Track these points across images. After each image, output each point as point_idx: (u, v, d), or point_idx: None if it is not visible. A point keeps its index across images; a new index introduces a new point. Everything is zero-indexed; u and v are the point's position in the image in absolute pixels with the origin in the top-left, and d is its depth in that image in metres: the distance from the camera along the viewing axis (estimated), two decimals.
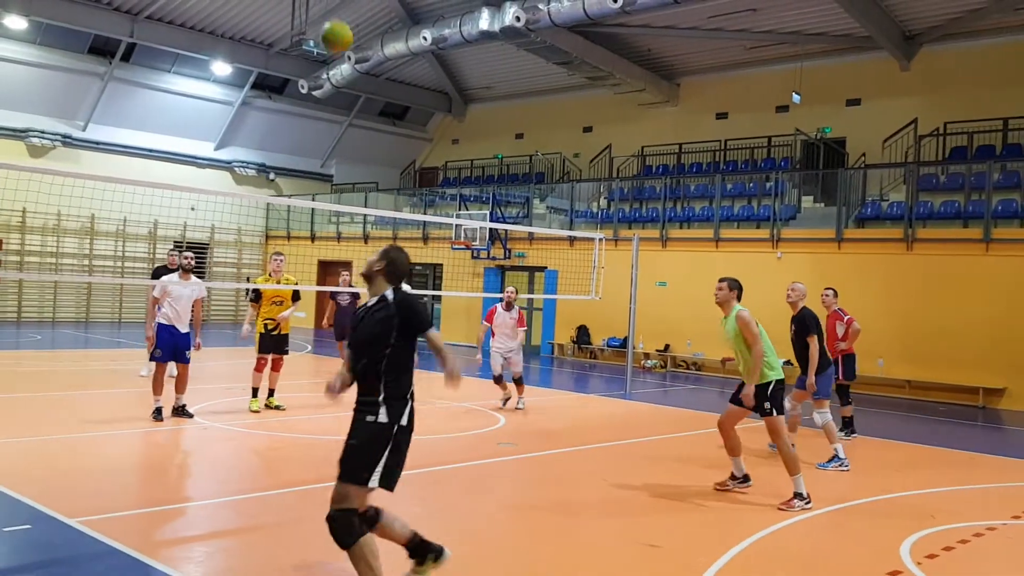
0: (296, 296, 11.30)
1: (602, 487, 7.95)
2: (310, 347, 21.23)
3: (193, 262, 10.59)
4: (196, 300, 10.39)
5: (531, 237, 22.37)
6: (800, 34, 21.63)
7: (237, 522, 6.58)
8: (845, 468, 9.20)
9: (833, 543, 6.68)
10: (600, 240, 14.31)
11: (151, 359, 10.55)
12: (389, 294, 5.10)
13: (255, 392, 11.07)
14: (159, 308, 10.23)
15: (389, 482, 4.93)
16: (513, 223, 23.32)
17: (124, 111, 26.21)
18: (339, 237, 27.92)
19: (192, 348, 10.31)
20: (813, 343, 9.45)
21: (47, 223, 24.82)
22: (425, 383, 13.27)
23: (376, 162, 32.17)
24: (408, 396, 5.04)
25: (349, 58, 25.55)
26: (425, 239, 25.13)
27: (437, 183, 31.31)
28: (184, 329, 10.20)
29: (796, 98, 21.13)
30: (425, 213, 26.70)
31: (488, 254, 23.30)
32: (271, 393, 11.36)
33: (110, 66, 25.08)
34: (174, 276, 10.59)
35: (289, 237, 29.15)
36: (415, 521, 6.77)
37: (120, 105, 26.04)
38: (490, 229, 22.18)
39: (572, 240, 20.90)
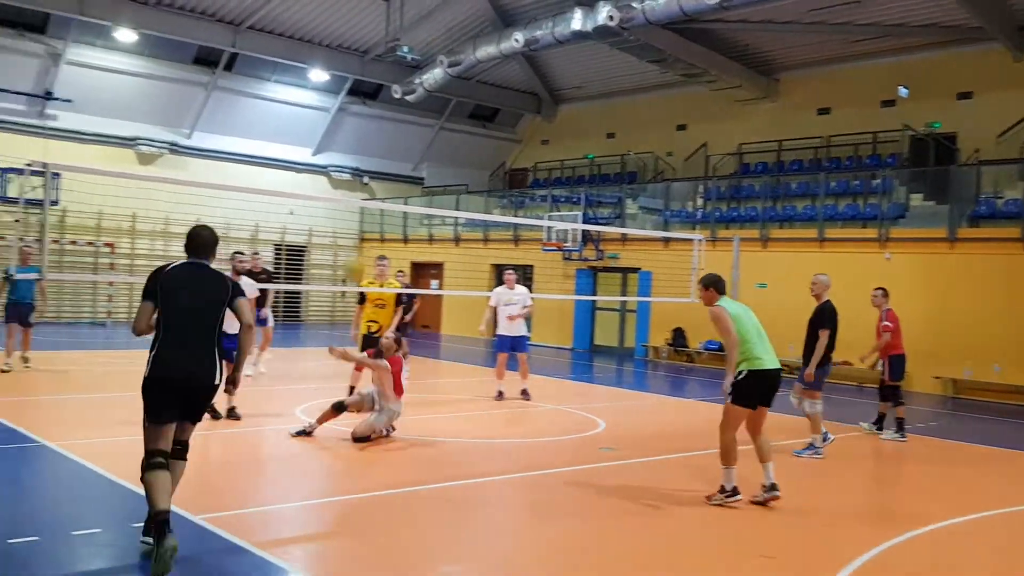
0: (400, 300, 11.52)
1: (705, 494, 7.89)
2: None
3: (246, 265, 10.72)
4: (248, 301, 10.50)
5: (624, 238, 22.26)
6: (906, 26, 20.95)
7: (353, 521, 6.76)
8: (819, 456, 9.62)
9: (957, 556, 6.48)
10: (699, 241, 14.17)
11: None
12: None
13: (351, 390, 11.32)
14: None
15: None
16: (605, 224, 23.26)
17: (227, 119, 27.17)
18: (431, 239, 28.32)
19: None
20: (823, 336, 9.59)
21: (155, 227, 25.92)
22: (515, 384, 13.38)
23: (466, 164, 32.53)
24: None
25: (442, 62, 25.91)
26: (516, 241, 25.27)
27: (527, 184, 31.45)
28: (233, 331, 10.11)
29: (903, 92, 20.49)
30: (515, 214, 26.91)
31: (580, 256, 23.30)
32: None
33: (214, 75, 26.03)
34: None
35: (383, 239, 29.71)
36: (522, 526, 6.87)
37: (223, 113, 27.01)
38: (582, 230, 22.17)
39: (667, 241, 20.71)
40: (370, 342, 11.34)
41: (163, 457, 5.46)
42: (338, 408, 9.51)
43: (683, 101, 27.18)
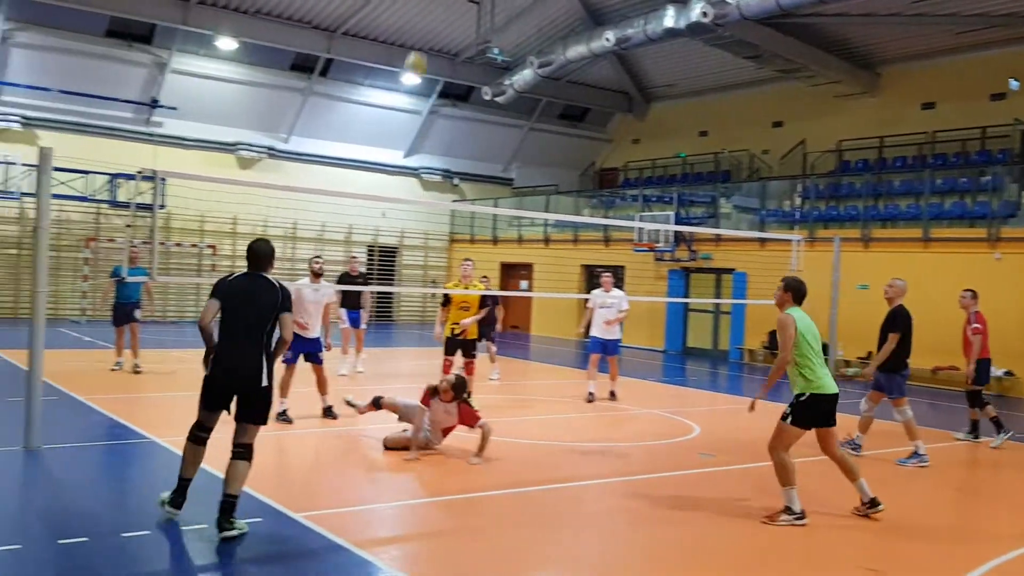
0: (484, 302, 11.58)
1: (807, 504, 7.67)
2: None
3: (322, 266, 10.84)
4: (325, 304, 10.72)
5: (718, 239, 21.88)
6: (1016, 16, 20.00)
7: (447, 522, 6.83)
8: (924, 463, 9.39)
9: None
10: (798, 242, 13.82)
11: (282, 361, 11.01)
12: None
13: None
14: None
15: None
16: (698, 224, 22.91)
17: (322, 123, 27.83)
18: (520, 240, 28.39)
19: (324, 349, 10.64)
20: (892, 340, 9.44)
21: (254, 229, 26.69)
22: (604, 386, 13.29)
23: (556, 164, 32.51)
24: None
25: (532, 63, 25.97)
26: (607, 241, 25.11)
27: (618, 184, 31.25)
28: (313, 334, 10.44)
29: (1014, 85, 19.58)
30: (606, 214, 26.74)
31: (672, 256, 23.02)
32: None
33: (309, 81, 26.69)
34: (306, 280, 10.85)
35: (473, 240, 29.95)
36: (618, 532, 6.80)
37: (318, 118, 27.68)
38: (675, 231, 21.89)
39: (763, 241, 20.28)
40: (454, 344, 11.41)
41: (205, 433, 6.43)
42: (375, 403, 9.46)
43: (779, 97, 26.57)
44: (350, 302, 14.88)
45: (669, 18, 21.47)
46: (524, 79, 26.83)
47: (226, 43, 24.44)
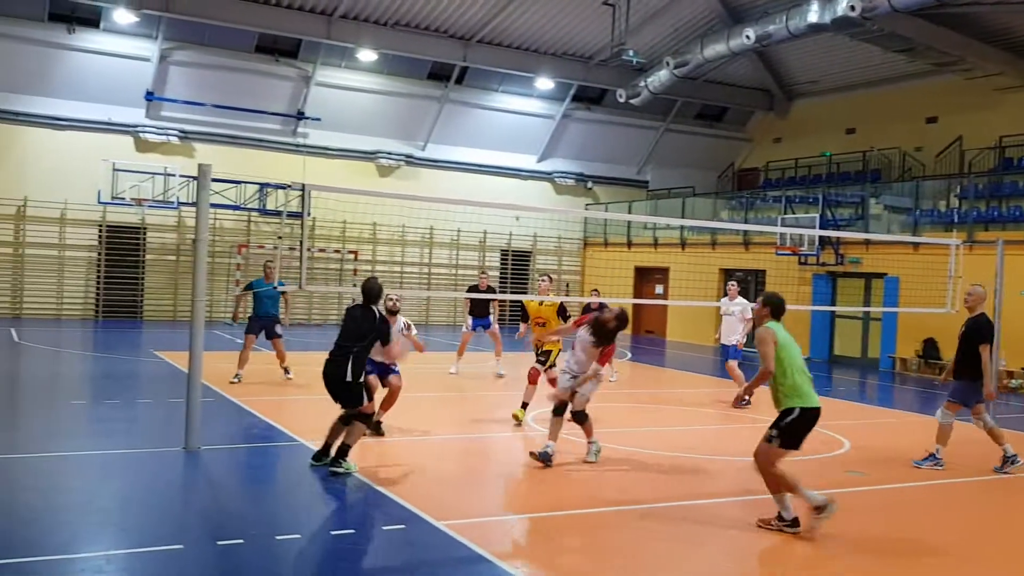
0: (562, 310, 11.47)
1: (965, 530, 7.25)
2: (629, 354, 21.49)
3: (399, 304, 10.30)
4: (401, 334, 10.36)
5: (867, 242, 20.94)
6: None
7: (587, 536, 6.78)
8: (940, 467, 9.34)
9: None
10: (956, 246, 13.07)
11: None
12: None
13: (524, 407, 11.05)
14: None
15: None
16: (845, 226, 22.02)
17: (457, 130, 28.37)
18: (656, 244, 28.04)
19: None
20: (985, 351, 9.23)
21: (392, 236, 27.51)
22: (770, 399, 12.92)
23: (692, 165, 31.95)
24: None
25: (668, 64, 25.64)
26: (746, 244, 24.47)
27: (758, 185, 30.42)
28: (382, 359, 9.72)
29: None
30: (746, 216, 26.07)
31: (817, 260, 22.21)
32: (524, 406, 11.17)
33: (446, 89, 27.26)
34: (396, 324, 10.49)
35: (606, 244, 29.80)
36: (765, 553, 6.58)
37: (454, 125, 28.23)
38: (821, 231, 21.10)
39: (917, 245, 19.28)
40: (538, 356, 11.14)
41: (339, 419, 8.31)
42: (558, 412, 9.10)
43: (933, 92, 25.23)
44: (478, 311, 15.84)
45: (813, 13, 20.77)
46: (659, 80, 26.51)
47: (366, 55, 25.30)
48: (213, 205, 23.42)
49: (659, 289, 27.05)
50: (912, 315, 19.46)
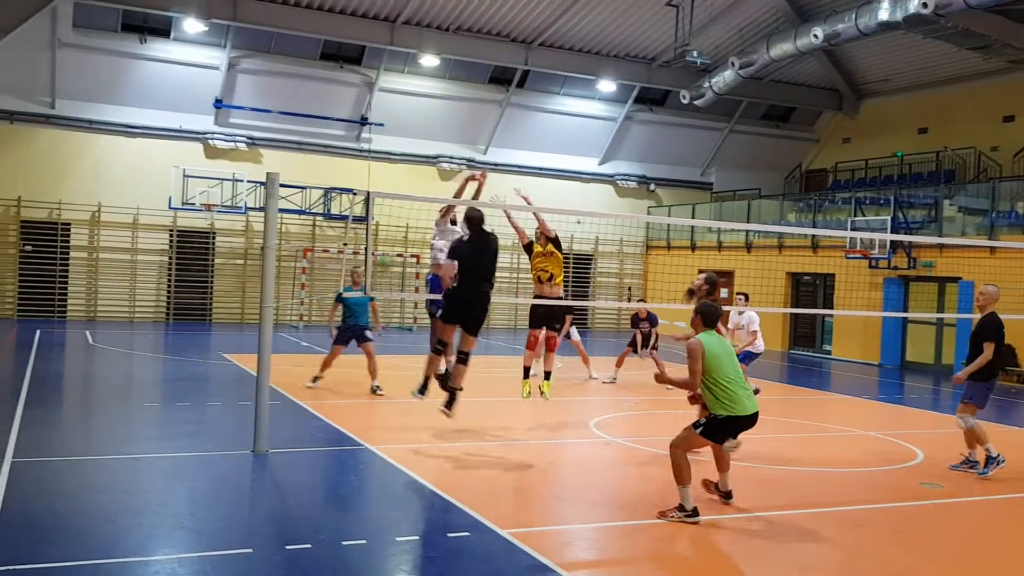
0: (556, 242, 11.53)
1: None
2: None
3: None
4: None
5: (941, 246, 20.37)
6: None
7: (653, 547, 6.72)
8: (976, 471, 9.26)
9: None
10: None
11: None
12: None
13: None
14: None
15: None
16: (918, 228, 21.45)
17: (518, 133, 28.43)
18: (720, 247, 27.69)
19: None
20: (988, 349, 9.17)
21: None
22: (837, 407, 12.68)
23: (758, 167, 31.47)
24: None
25: (733, 64, 25.32)
26: (814, 247, 24.00)
27: (826, 186, 29.83)
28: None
29: None
30: (814, 219, 25.58)
31: (889, 263, 21.67)
32: None
33: (507, 93, 27.33)
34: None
35: (669, 247, 29.52)
36: (837, 567, 6.42)
37: (515, 128, 28.29)
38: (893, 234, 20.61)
39: (993, 249, 18.69)
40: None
41: (442, 346, 9.31)
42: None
43: (1010, 90, 24.45)
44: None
45: (884, 11, 20.33)
46: (724, 80, 26.18)
47: (429, 60, 25.54)
48: (279, 210, 23.90)
49: (724, 293, 26.66)
50: None
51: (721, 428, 7.35)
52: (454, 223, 10.95)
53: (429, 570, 6.09)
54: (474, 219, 9.11)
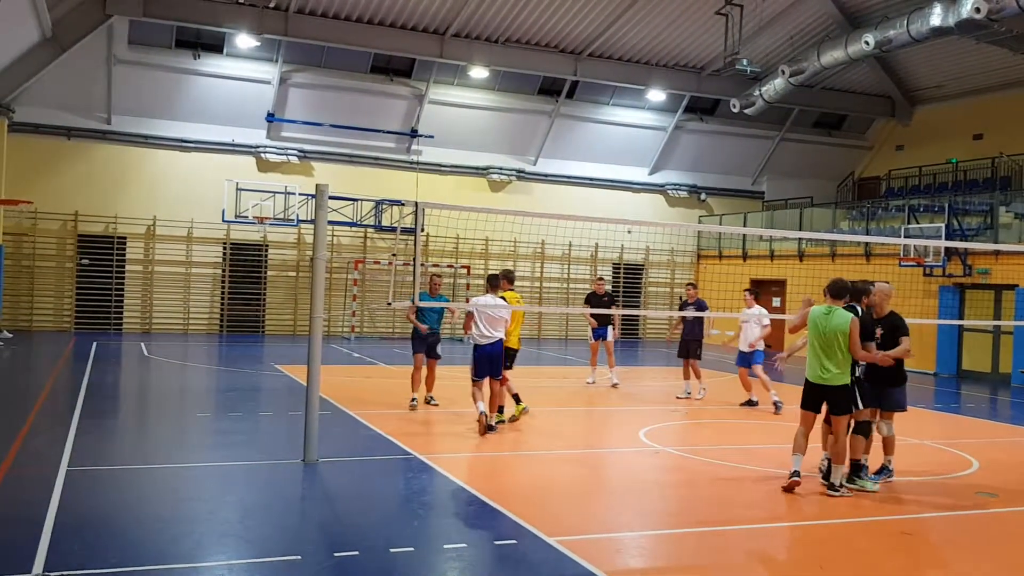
0: None
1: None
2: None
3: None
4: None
5: (997, 253, 19.86)
6: None
7: (700, 557, 6.62)
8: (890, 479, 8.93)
9: None
10: None
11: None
12: None
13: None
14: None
15: None
16: (973, 236, 20.93)
17: (568, 144, 28.40)
18: (772, 256, 27.31)
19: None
20: (906, 342, 8.94)
21: (504, 250, 27.70)
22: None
23: (810, 175, 31.01)
24: None
25: (783, 72, 25.02)
26: (868, 256, 23.54)
27: (879, 194, 29.28)
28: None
29: None
30: (867, 227, 25.12)
31: (944, 271, 21.17)
32: None
33: (556, 104, 27.34)
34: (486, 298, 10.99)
35: (720, 257, 29.21)
36: (899, 568, 6.30)
37: (564, 139, 28.28)
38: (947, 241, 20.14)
39: None
40: None
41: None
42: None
43: None
44: (598, 319, 15.71)
45: (936, 16, 19.95)
46: (774, 88, 25.88)
47: (478, 72, 25.65)
48: (330, 222, 24.02)
49: (776, 302, 26.30)
50: None
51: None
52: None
53: (474, 574, 6.07)
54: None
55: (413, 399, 12.43)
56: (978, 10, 18.61)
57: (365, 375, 14.89)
